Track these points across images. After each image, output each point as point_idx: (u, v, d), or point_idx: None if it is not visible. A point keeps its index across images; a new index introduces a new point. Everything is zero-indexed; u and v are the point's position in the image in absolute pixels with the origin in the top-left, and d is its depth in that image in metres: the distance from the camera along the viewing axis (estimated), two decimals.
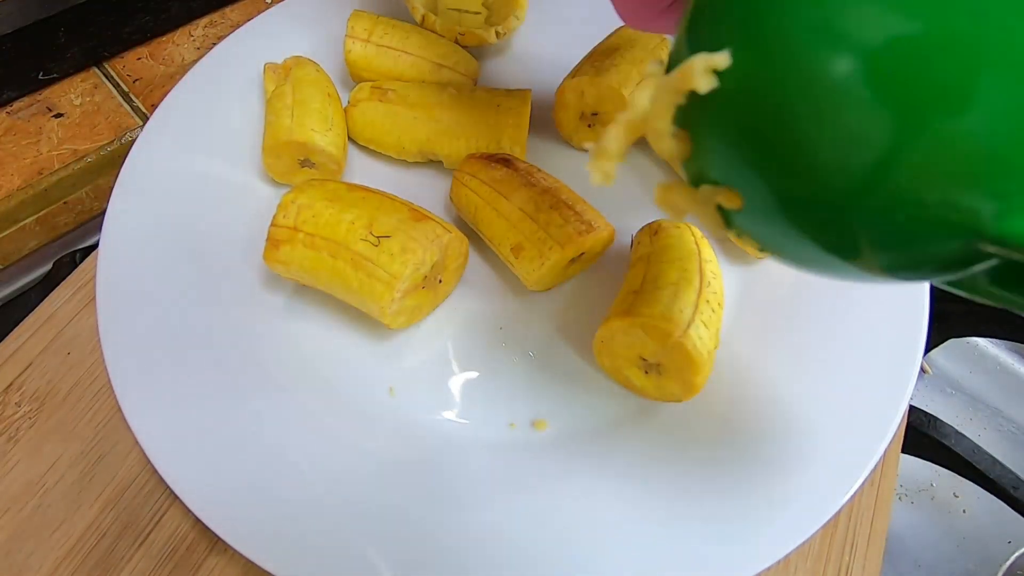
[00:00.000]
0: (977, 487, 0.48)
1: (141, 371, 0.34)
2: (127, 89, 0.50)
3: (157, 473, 0.32)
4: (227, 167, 0.42)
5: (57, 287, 0.41)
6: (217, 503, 0.31)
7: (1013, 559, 0.44)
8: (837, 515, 0.31)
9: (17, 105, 0.48)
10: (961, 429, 0.50)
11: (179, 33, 0.53)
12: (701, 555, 0.31)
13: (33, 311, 0.40)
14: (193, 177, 0.41)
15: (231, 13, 0.54)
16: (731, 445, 0.34)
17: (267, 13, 0.47)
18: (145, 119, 0.48)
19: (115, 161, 0.46)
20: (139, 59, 0.51)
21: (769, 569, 0.30)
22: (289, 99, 0.40)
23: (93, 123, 0.48)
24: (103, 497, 0.35)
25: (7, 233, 0.45)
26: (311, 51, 0.45)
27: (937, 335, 0.53)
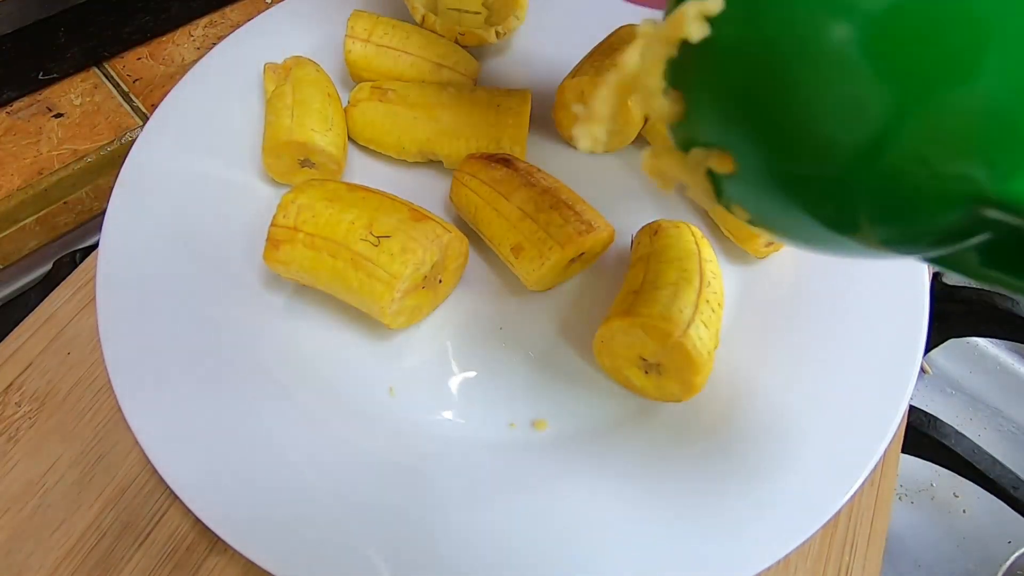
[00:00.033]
0: (977, 487, 0.48)
1: (141, 371, 0.34)
2: (127, 89, 0.50)
3: (157, 473, 0.32)
4: (227, 167, 0.42)
5: (57, 287, 0.41)
6: (217, 503, 0.31)
7: (1013, 559, 0.44)
8: (837, 515, 0.31)
9: (17, 105, 0.48)
10: (961, 429, 0.50)
11: (179, 33, 0.53)
12: (701, 555, 0.31)
13: (33, 311, 0.40)
14: (193, 177, 0.41)
15: (231, 13, 0.54)
16: (731, 445, 0.34)
17: (267, 13, 0.47)
18: (145, 119, 0.48)
19: (115, 161, 0.46)
20: (139, 59, 0.51)
21: (769, 569, 0.30)
22: (289, 99, 0.40)
23: (93, 123, 0.48)
24: (103, 497, 0.35)
25: (7, 233, 0.45)
26: (311, 51, 0.45)
27: (937, 335, 0.53)
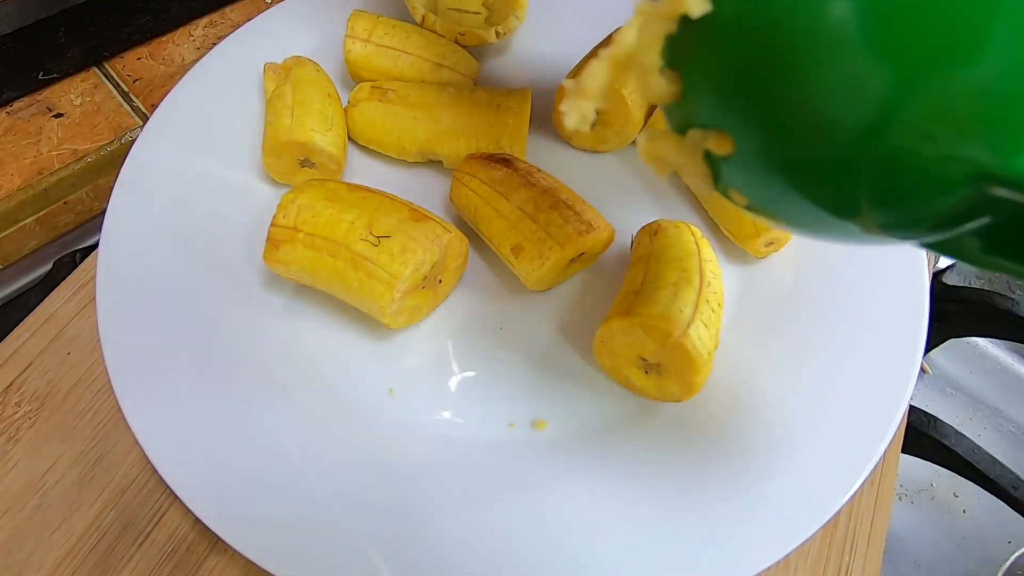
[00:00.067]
0: (977, 487, 0.48)
1: (141, 371, 0.34)
2: (127, 89, 0.50)
3: (157, 473, 0.32)
4: (227, 167, 0.42)
5: (57, 287, 0.41)
6: (217, 503, 0.31)
7: (1013, 559, 0.44)
8: (837, 515, 0.31)
9: (17, 105, 0.48)
10: (961, 429, 0.50)
11: (179, 33, 0.53)
12: (701, 555, 0.31)
13: (33, 311, 0.40)
14: (193, 177, 0.41)
15: (231, 13, 0.54)
16: (731, 445, 0.34)
17: (267, 13, 0.47)
18: (145, 119, 0.48)
19: (115, 161, 0.46)
20: (139, 59, 0.51)
21: (769, 569, 0.30)
22: (289, 99, 0.40)
23: (93, 123, 0.48)
24: (103, 497, 0.35)
25: (7, 233, 0.45)
26: (311, 51, 0.45)
27: (937, 335, 0.53)
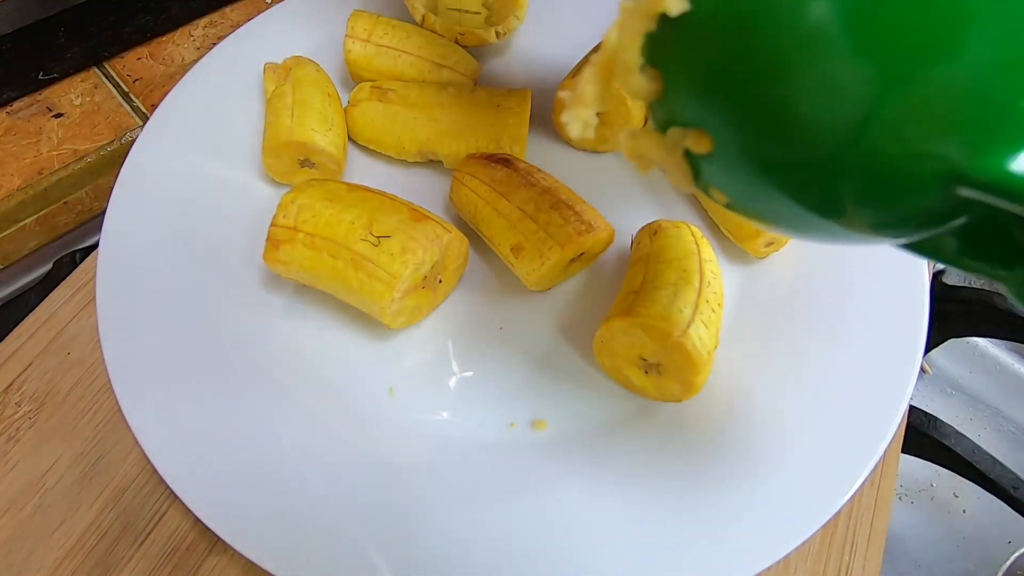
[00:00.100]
0: (977, 487, 0.48)
1: (141, 371, 0.34)
2: (127, 89, 0.50)
3: (157, 473, 0.32)
4: (227, 167, 0.42)
5: (57, 287, 0.41)
6: (217, 503, 0.31)
7: (1013, 559, 0.44)
8: (837, 515, 0.31)
9: (17, 105, 0.48)
10: (961, 429, 0.50)
11: (179, 33, 0.53)
12: (701, 555, 0.31)
13: (33, 311, 0.40)
14: (193, 177, 0.41)
15: (231, 13, 0.54)
16: (731, 445, 0.34)
17: (267, 13, 0.47)
18: (145, 119, 0.48)
19: (115, 161, 0.46)
20: (139, 59, 0.51)
21: (769, 569, 0.30)
22: (289, 99, 0.40)
23: (93, 123, 0.48)
24: (103, 497, 0.35)
25: (7, 233, 0.45)
26: (311, 51, 0.45)
27: (937, 335, 0.53)
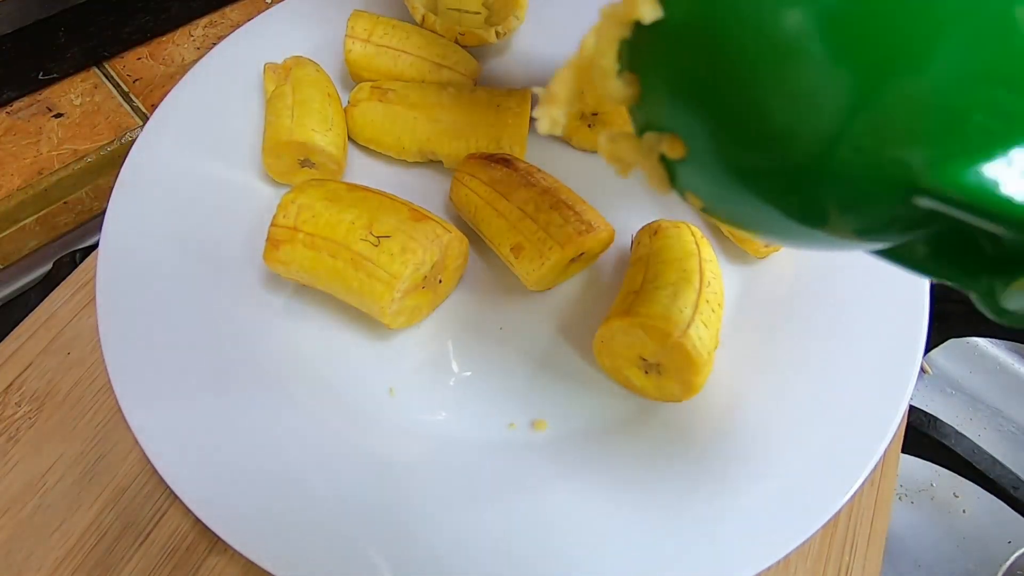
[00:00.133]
0: (977, 487, 0.48)
1: (141, 371, 0.34)
2: (127, 89, 0.50)
3: (157, 473, 0.32)
4: (227, 167, 0.42)
5: (57, 287, 0.41)
6: (217, 503, 0.31)
7: (1013, 559, 0.44)
8: (837, 515, 0.31)
9: (17, 105, 0.48)
10: (961, 429, 0.50)
11: (179, 33, 0.53)
12: (701, 555, 0.31)
13: (33, 311, 0.40)
14: (193, 177, 0.41)
15: (231, 13, 0.54)
16: (730, 445, 0.34)
17: (267, 13, 0.47)
18: (145, 119, 0.48)
19: (115, 161, 0.46)
20: (139, 59, 0.51)
21: (769, 569, 0.30)
22: (289, 99, 0.40)
23: (93, 123, 0.48)
24: (103, 497, 0.35)
25: (7, 233, 0.45)
26: (311, 51, 0.45)
27: (937, 335, 0.53)
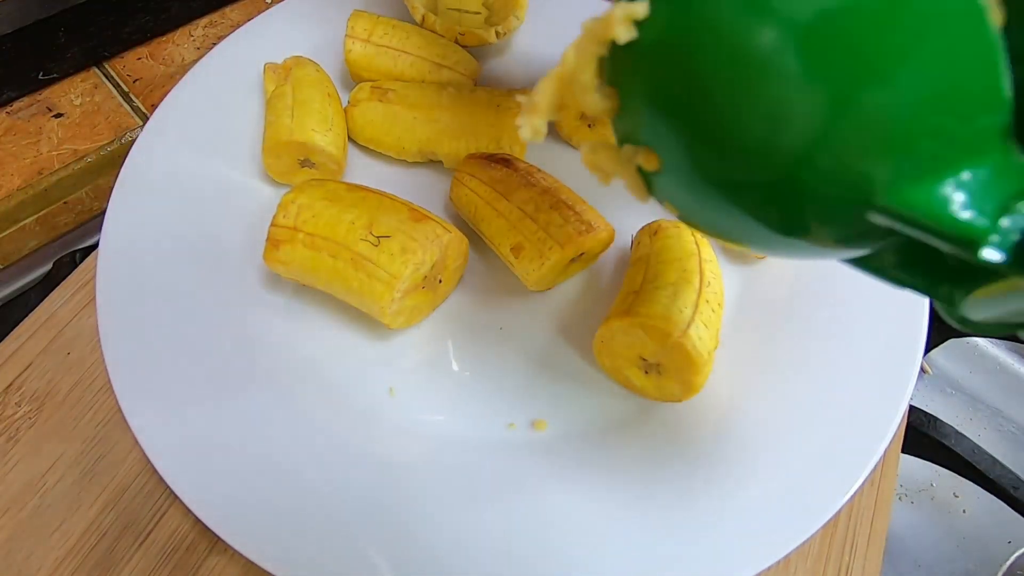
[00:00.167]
0: (977, 487, 0.48)
1: (141, 371, 0.34)
2: (127, 89, 0.50)
3: (157, 473, 0.32)
4: (227, 167, 0.42)
5: (57, 287, 0.41)
6: (217, 503, 0.31)
7: (1013, 559, 0.44)
8: (837, 515, 0.31)
9: (17, 105, 0.48)
10: (961, 429, 0.50)
11: (179, 33, 0.53)
12: (701, 555, 0.31)
13: (33, 311, 0.40)
14: (193, 177, 0.41)
15: (231, 13, 0.54)
16: (731, 445, 0.34)
17: (267, 13, 0.47)
18: (145, 119, 0.48)
19: (115, 161, 0.46)
20: (139, 59, 0.51)
21: (769, 569, 0.30)
22: (289, 99, 0.40)
23: (93, 123, 0.48)
24: (103, 497, 0.35)
25: (7, 233, 0.45)
26: (311, 51, 0.45)
27: (937, 335, 0.53)
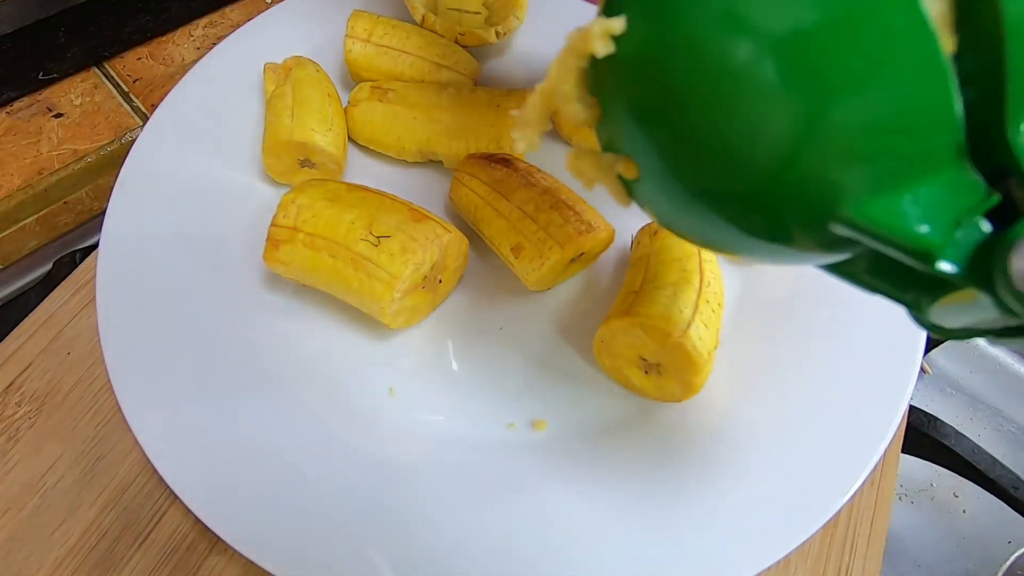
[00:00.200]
0: (977, 487, 0.48)
1: (141, 371, 0.34)
2: (127, 89, 0.50)
3: (157, 473, 0.32)
4: (227, 167, 0.42)
5: (57, 287, 0.41)
6: (217, 503, 0.31)
7: (1013, 559, 0.44)
8: (837, 515, 0.31)
9: (17, 105, 0.48)
10: (961, 429, 0.50)
11: (179, 33, 0.53)
12: (701, 555, 0.31)
13: (33, 311, 0.40)
14: (193, 177, 0.41)
15: (231, 13, 0.54)
16: (731, 445, 0.34)
17: (267, 13, 0.47)
18: (145, 119, 0.48)
19: (115, 161, 0.46)
20: (139, 59, 0.51)
21: (769, 569, 0.30)
22: (289, 99, 0.40)
23: (93, 123, 0.48)
24: (103, 497, 0.35)
25: (7, 233, 0.45)
26: (311, 51, 0.45)
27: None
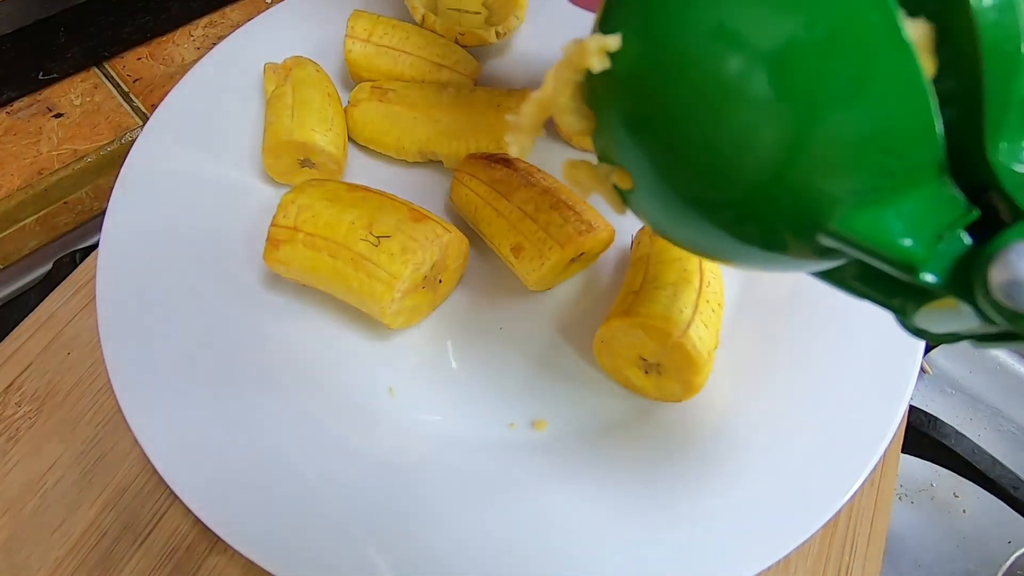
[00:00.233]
0: (977, 487, 0.48)
1: (141, 371, 0.34)
2: (127, 89, 0.50)
3: (157, 473, 0.32)
4: (227, 167, 0.42)
5: (57, 287, 0.41)
6: (217, 503, 0.31)
7: (1013, 559, 0.44)
8: (837, 515, 0.31)
9: (17, 105, 0.48)
10: (961, 429, 0.50)
11: (179, 33, 0.53)
12: (701, 555, 0.31)
13: (33, 311, 0.40)
14: (193, 177, 0.41)
15: (231, 13, 0.54)
16: (731, 445, 0.34)
17: (267, 13, 0.47)
18: (145, 119, 0.48)
19: (115, 161, 0.46)
20: (139, 59, 0.51)
21: (769, 569, 0.30)
22: (289, 99, 0.40)
23: (93, 123, 0.48)
24: (103, 497, 0.35)
25: (7, 233, 0.45)
26: (311, 51, 0.45)
27: None
